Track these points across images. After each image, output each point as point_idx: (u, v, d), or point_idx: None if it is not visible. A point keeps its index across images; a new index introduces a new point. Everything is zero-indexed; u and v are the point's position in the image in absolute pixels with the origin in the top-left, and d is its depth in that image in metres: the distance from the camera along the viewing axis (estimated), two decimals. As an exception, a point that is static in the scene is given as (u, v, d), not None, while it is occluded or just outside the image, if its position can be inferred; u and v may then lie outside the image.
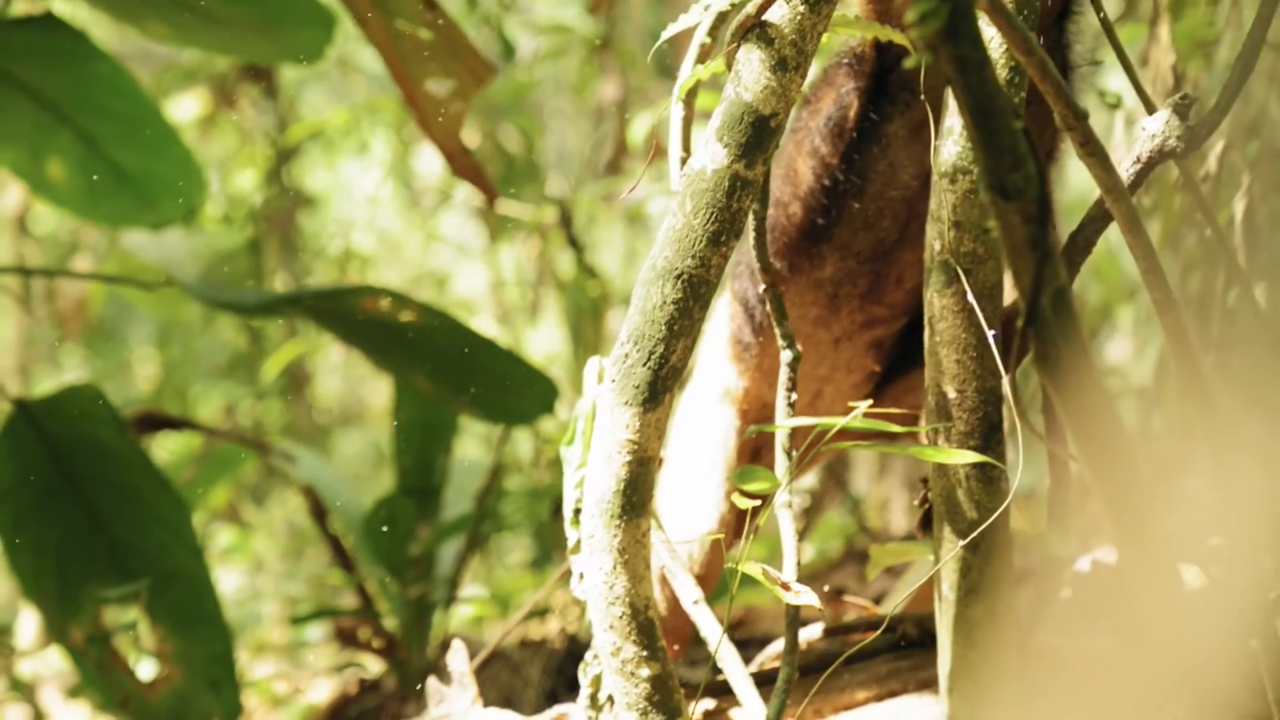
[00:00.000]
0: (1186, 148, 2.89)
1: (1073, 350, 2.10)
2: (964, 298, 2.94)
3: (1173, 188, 4.44)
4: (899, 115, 3.42)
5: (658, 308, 2.91)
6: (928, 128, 3.36)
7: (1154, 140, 2.91)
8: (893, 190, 3.47)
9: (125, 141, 5.13)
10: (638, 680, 3.03)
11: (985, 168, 2.02)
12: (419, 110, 4.63)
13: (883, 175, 3.46)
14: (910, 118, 3.42)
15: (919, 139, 3.42)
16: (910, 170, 3.46)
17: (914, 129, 3.43)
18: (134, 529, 4.95)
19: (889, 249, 3.52)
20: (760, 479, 2.79)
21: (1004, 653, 3.05)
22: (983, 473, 2.98)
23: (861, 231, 3.49)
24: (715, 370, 3.84)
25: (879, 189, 3.46)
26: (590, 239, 7.34)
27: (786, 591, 2.83)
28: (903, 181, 3.47)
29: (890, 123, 3.42)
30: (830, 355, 3.71)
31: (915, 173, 3.46)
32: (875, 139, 3.43)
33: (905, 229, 3.53)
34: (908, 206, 3.50)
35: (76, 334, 8.37)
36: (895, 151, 3.44)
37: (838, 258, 3.52)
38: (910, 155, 3.45)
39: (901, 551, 3.43)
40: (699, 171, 2.90)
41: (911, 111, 3.41)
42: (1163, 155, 2.91)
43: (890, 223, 3.51)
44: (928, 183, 3.39)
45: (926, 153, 3.39)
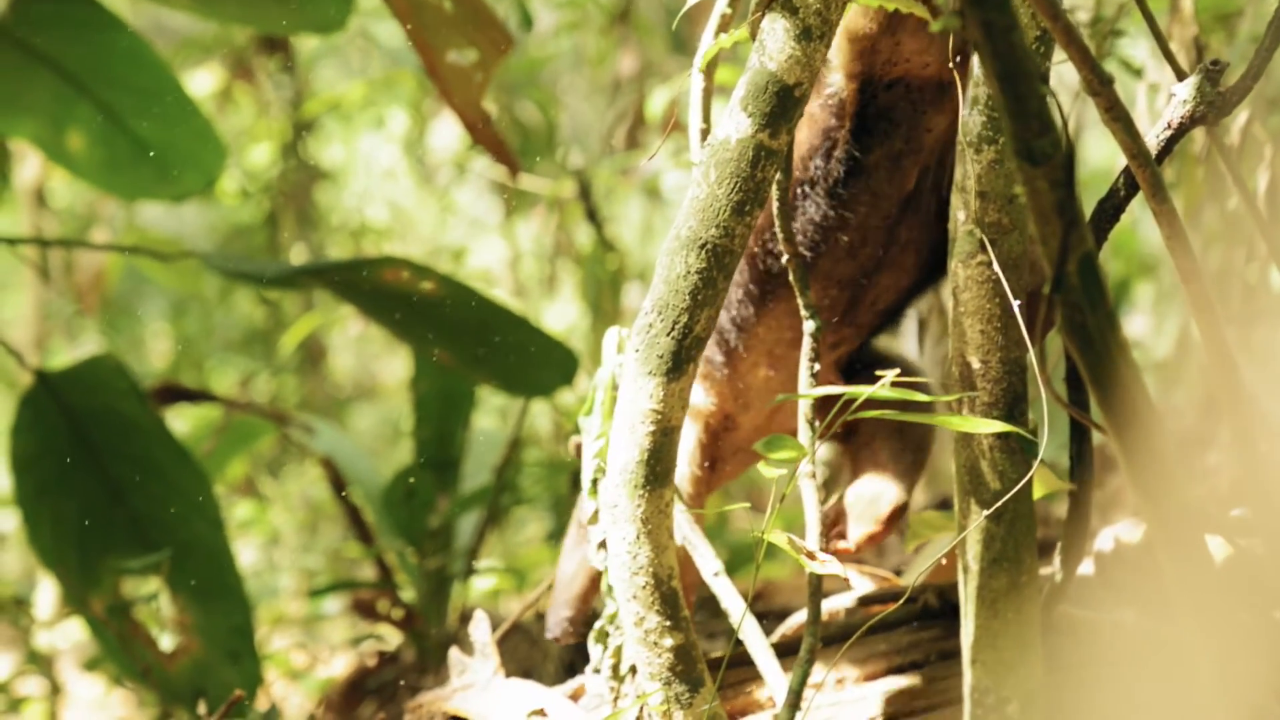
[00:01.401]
0: (1217, 114, 2.88)
1: (1100, 318, 2.09)
2: (989, 268, 2.93)
3: (1195, 160, 4.42)
4: (879, 146, 3.43)
5: (681, 277, 2.90)
6: (908, 155, 3.40)
7: (1185, 106, 2.90)
8: (875, 220, 3.50)
9: (145, 113, 5.12)
10: (661, 650, 3.03)
11: (1013, 133, 2.01)
12: (440, 81, 4.62)
13: (866, 206, 3.48)
14: (890, 147, 3.43)
15: (899, 167, 3.45)
16: (892, 199, 3.49)
17: (894, 158, 3.44)
18: (154, 501, 4.96)
19: (868, 274, 3.55)
20: (787, 447, 2.78)
21: (1028, 624, 3.04)
22: (1006, 444, 2.97)
23: (844, 261, 3.51)
24: None
25: (862, 220, 3.49)
26: (608, 212, 7.34)
27: (812, 560, 2.83)
28: (885, 210, 3.50)
29: (872, 154, 3.43)
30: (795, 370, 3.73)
31: (897, 200, 3.49)
32: (858, 174, 3.45)
33: (885, 254, 3.57)
34: (888, 233, 3.54)
35: (94, 308, 8.37)
36: (878, 182, 3.46)
37: (819, 286, 3.55)
38: (891, 183, 3.47)
39: (942, 522, 3.43)
40: (723, 141, 2.89)
41: (891, 141, 3.43)
42: (1193, 121, 2.90)
43: (871, 250, 3.56)
44: (908, 208, 3.47)
45: (907, 179, 3.46)
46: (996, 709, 3.06)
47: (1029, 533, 3.04)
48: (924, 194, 3.50)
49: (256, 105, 9.08)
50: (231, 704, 3.76)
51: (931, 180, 3.48)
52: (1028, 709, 3.06)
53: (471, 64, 4.61)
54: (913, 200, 3.49)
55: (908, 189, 3.47)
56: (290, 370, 9.44)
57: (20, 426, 4.99)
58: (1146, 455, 2.15)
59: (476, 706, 3.55)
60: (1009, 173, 2.91)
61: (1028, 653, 3.05)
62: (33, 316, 8.18)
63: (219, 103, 8.77)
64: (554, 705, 3.50)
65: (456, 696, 3.64)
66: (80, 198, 9.47)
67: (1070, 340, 2.09)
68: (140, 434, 4.97)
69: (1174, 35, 4.20)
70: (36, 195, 7.96)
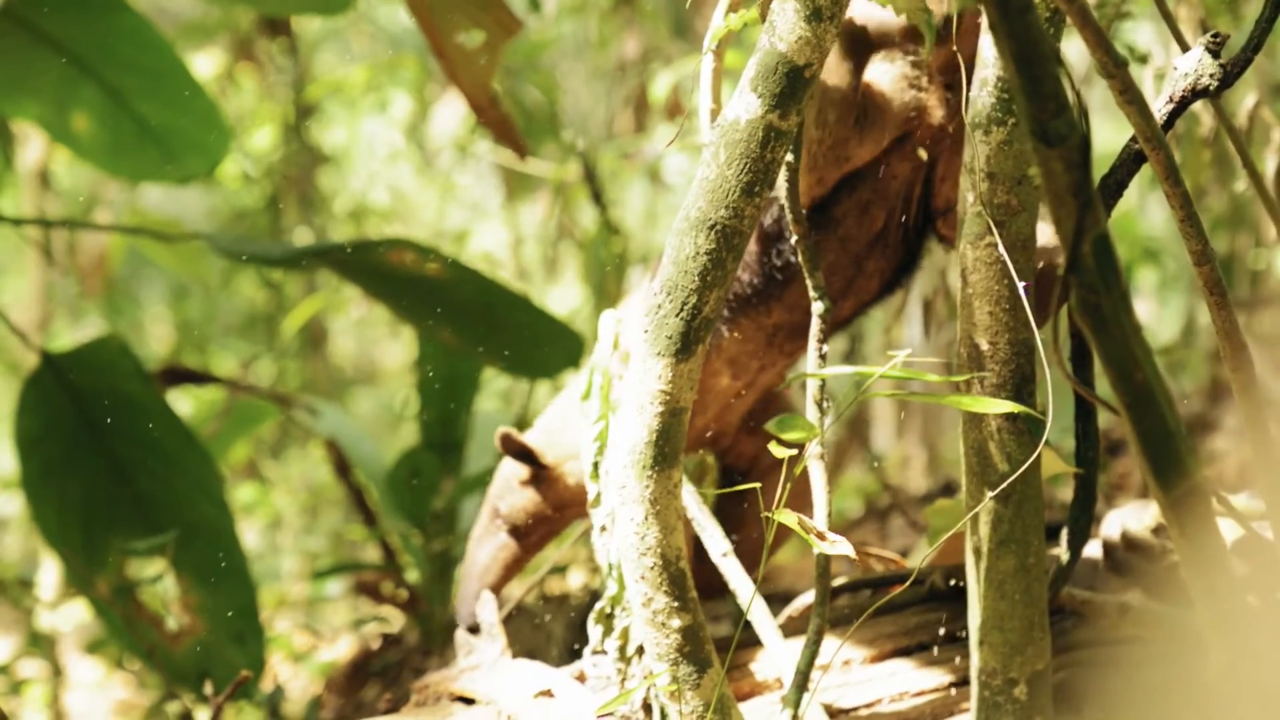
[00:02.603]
0: (1220, 86, 2.88)
1: (1114, 299, 2.09)
2: (997, 250, 2.93)
3: (1201, 144, 4.42)
4: (847, 198, 3.49)
5: (691, 258, 2.90)
6: (875, 203, 3.44)
7: (1187, 79, 2.90)
8: (844, 259, 3.58)
9: (150, 95, 5.12)
10: (669, 631, 3.03)
11: (1028, 114, 2.01)
12: (448, 62, 4.62)
13: (835, 248, 3.57)
14: (858, 198, 3.48)
15: (867, 213, 3.52)
16: (861, 240, 3.58)
17: (862, 206, 3.52)
18: (159, 482, 4.97)
19: (834, 300, 3.58)
20: (798, 427, 2.78)
21: (1035, 605, 3.04)
22: (1014, 425, 2.98)
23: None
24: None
25: (832, 261, 3.58)
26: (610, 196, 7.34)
27: (821, 541, 2.83)
28: (853, 250, 3.59)
29: (840, 205, 3.48)
30: (754, 378, 3.85)
31: (865, 241, 3.57)
32: (828, 225, 3.51)
33: (850, 285, 3.66)
34: (856, 266, 3.62)
35: (96, 290, 8.37)
36: (847, 228, 3.55)
37: (784, 309, 3.65)
38: (860, 227, 3.56)
39: (955, 511, 3.43)
40: (733, 122, 2.88)
41: (858, 192, 3.50)
42: (1195, 94, 2.90)
43: (839, 282, 3.64)
44: (876, 242, 3.53)
45: (875, 222, 3.53)
46: (1004, 690, 3.06)
47: (1037, 514, 3.04)
48: (891, 230, 3.58)
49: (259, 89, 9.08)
50: (238, 684, 3.76)
51: (899, 216, 3.53)
52: (1035, 690, 3.07)
53: (478, 46, 4.61)
54: (881, 236, 3.54)
55: (876, 230, 3.52)
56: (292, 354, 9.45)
57: (25, 407, 4.99)
58: (1160, 436, 2.14)
59: (483, 687, 3.55)
60: (1018, 154, 2.91)
61: (1035, 634, 3.05)
62: (36, 298, 8.18)
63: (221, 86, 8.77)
64: (561, 686, 3.50)
65: (463, 677, 3.64)
66: (83, 181, 9.47)
67: (1085, 321, 2.09)
68: (145, 415, 4.97)
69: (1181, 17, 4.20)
70: (40, 177, 7.96)
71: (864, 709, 3.49)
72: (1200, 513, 2.26)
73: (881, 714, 3.49)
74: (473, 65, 4.62)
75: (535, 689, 3.48)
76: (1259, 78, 4.57)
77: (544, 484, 3.90)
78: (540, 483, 3.90)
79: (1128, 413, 2.15)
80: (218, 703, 3.79)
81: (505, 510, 3.92)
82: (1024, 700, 3.06)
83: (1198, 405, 6.57)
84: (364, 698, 5.18)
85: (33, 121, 5.32)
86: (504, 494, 3.94)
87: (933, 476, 7.78)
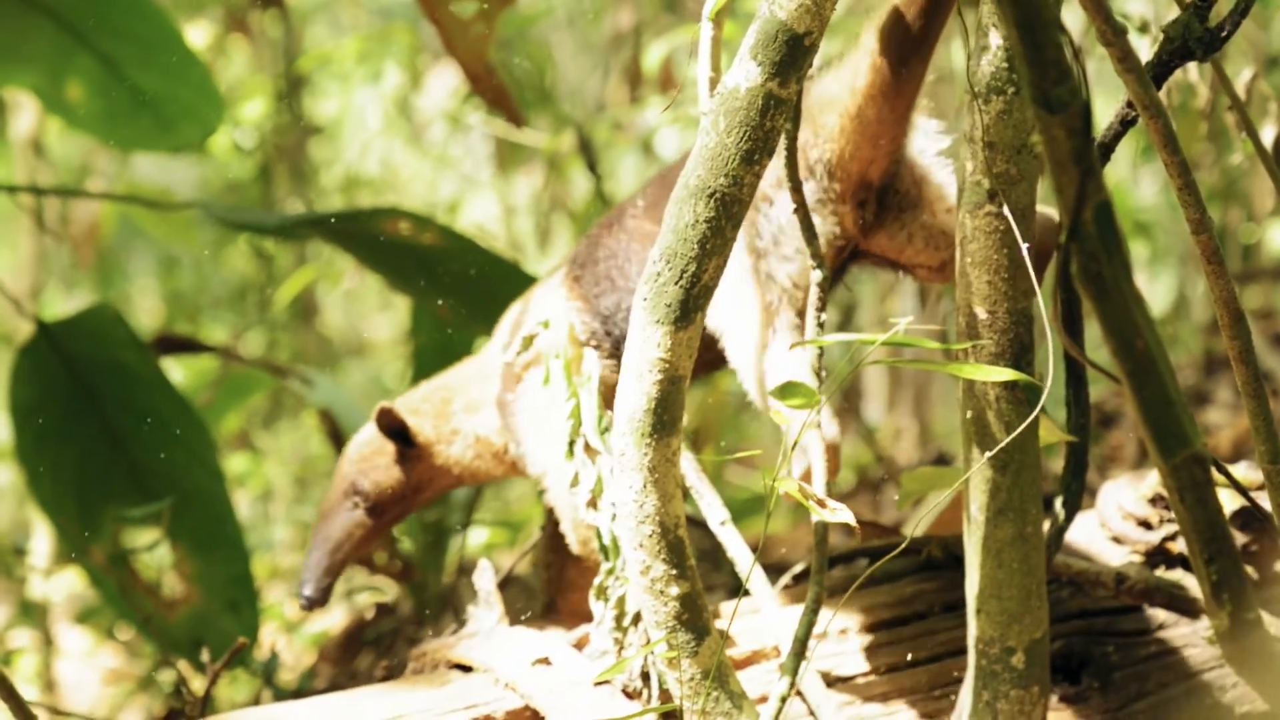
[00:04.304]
0: (1206, 50, 2.88)
1: (1115, 266, 2.09)
2: (996, 218, 2.94)
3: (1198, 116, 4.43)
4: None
5: (690, 226, 2.90)
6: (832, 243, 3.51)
7: (1173, 42, 2.90)
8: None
9: (145, 64, 5.10)
10: (667, 599, 3.03)
11: (1030, 80, 2.01)
12: (443, 31, 4.61)
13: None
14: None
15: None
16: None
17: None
18: (153, 450, 4.96)
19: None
20: (801, 395, 2.79)
21: (1033, 574, 3.05)
22: (1013, 394, 2.98)
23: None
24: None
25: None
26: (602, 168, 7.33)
27: (822, 508, 2.84)
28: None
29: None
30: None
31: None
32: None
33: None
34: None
35: (88, 259, 8.36)
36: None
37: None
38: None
39: (932, 479, 3.43)
40: (732, 90, 2.88)
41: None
42: (1181, 57, 2.89)
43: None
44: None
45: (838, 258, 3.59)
46: (1001, 659, 3.07)
47: (1034, 483, 3.05)
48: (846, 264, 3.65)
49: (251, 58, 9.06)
50: (235, 651, 3.76)
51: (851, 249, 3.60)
52: (1033, 659, 3.08)
53: (474, 15, 4.61)
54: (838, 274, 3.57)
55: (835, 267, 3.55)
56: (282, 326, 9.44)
57: (20, 376, 4.99)
58: (1161, 404, 2.15)
59: (480, 655, 3.56)
60: (1017, 123, 2.91)
61: (1033, 603, 3.06)
62: (29, 267, 8.17)
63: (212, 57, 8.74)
64: (558, 653, 3.51)
65: (461, 645, 3.65)
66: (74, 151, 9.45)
67: (1086, 288, 2.10)
68: (140, 384, 4.97)
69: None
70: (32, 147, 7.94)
71: (860, 677, 3.51)
72: (1200, 481, 2.27)
73: (879, 682, 3.50)
74: (468, 35, 4.61)
75: (533, 657, 3.49)
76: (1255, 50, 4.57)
77: (411, 463, 3.89)
78: (407, 461, 3.89)
79: (1129, 381, 2.15)
80: (215, 670, 3.79)
81: (365, 486, 3.88)
82: (1021, 669, 3.07)
83: (1190, 379, 6.59)
84: (358, 667, 5.19)
85: (27, 90, 5.31)
86: (366, 470, 3.91)
87: (924, 449, 7.79)
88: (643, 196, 3.75)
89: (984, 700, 3.09)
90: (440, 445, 3.87)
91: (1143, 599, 3.67)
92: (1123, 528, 3.80)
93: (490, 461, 3.89)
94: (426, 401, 3.92)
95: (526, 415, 3.76)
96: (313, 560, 3.84)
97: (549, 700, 3.38)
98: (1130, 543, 3.78)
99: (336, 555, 3.84)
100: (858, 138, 3.44)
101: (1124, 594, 3.66)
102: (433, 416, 3.89)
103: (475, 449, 3.88)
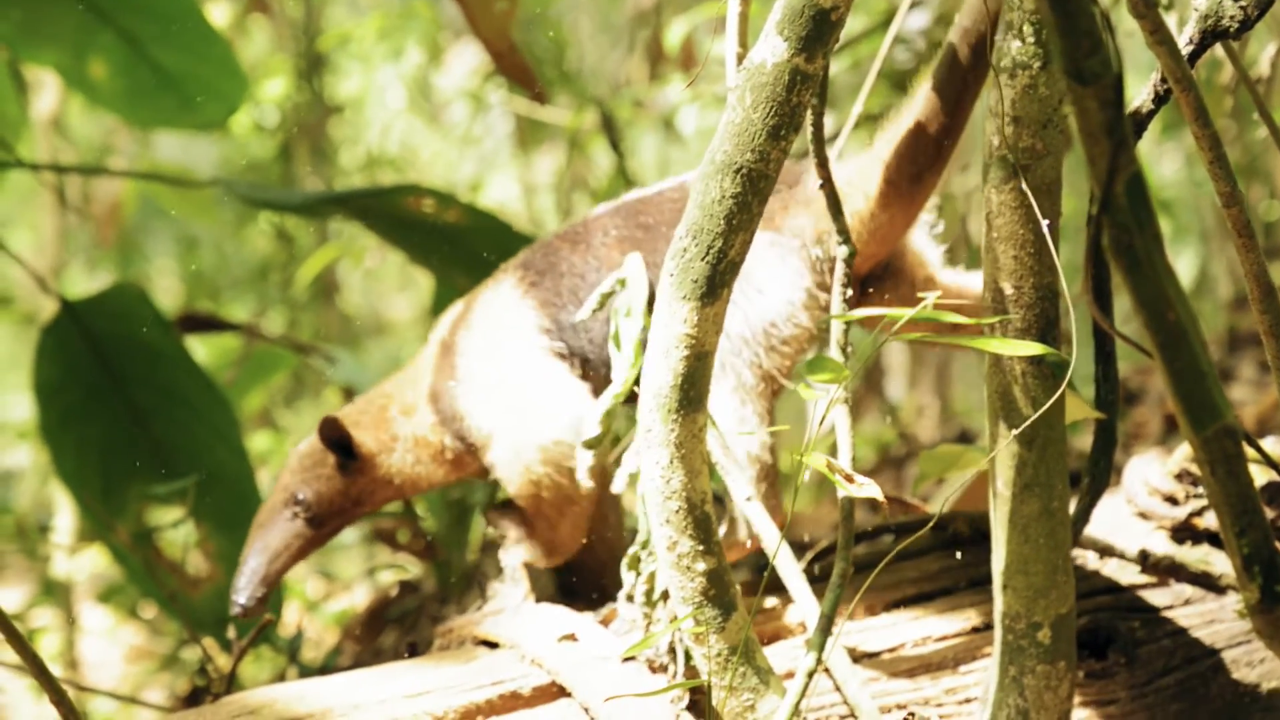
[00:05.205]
0: (1240, 27, 2.87)
1: (1147, 238, 2.09)
2: (1021, 193, 2.93)
3: (1222, 91, 4.42)
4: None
5: (716, 202, 2.89)
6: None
7: (1207, 20, 2.89)
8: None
9: (168, 42, 5.10)
10: (694, 575, 3.03)
11: (1063, 52, 2.01)
12: (467, 9, 4.61)
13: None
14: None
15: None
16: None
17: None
18: (177, 428, 4.97)
19: None
20: (828, 369, 2.79)
21: (1059, 549, 3.05)
22: (1039, 369, 2.97)
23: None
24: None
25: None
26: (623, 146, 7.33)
27: (850, 483, 2.83)
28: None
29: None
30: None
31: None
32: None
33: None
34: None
35: (110, 238, 8.37)
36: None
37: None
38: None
39: (950, 458, 3.43)
40: (759, 65, 2.88)
41: None
42: (1215, 35, 2.88)
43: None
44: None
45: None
46: (1028, 634, 3.07)
47: (1060, 458, 3.04)
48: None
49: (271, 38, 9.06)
50: (261, 628, 3.77)
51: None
52: (1059, 634, 3.07)
53: (499, -8, 4.60)
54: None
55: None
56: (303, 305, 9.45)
57: (44, 354, 5.00)
58: (1193, 376, 2.15)
59: (506, 631, 3.56)
60: (1043, 98, 2.90)
61: (1059, 578, 3.06)
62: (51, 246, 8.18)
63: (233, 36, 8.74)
64: (584, 629, 3.51)
65: (486, 621, 3.65)
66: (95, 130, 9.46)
67: (1118, 260, 2.09)
68: (164, 362, 4.98)
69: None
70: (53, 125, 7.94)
71: (887, 653, 3.51)
72: (1231, 453, 2.26)
73: (905, 658, 3.50)
74: (492, 12, 4.61)
75: (559, 633, 3.49)
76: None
77: (353, 475, 3.87)
78: (349, 473, 3.87)
79: (1160, 353, 2.15)
80: (242, 646, 3.80)
81: (306, 496, 3.84)
82: (1048, 644, 3.06)
83: (1214, 355, 6.57)
84: (382, 645, 5.20)
85: (50, 68, 5.31)
86: (307, 480, 3.87)
87: (946, 426, 7.79)
88: (614, 225, 3.76)
89: (1010, 675, 3.09)
90: (382, 455, 3.86)
91: (1169, 574, 3.66)
92: (1149, 503, 3.79)
93: (430, 465, 3.88)
94: (365, 413, 3.91)
95: (469, 383, 3.78)
96: (248, 568, 3.80)
97: (575, 676, 3.38)
98: (1156, 518, 3.77)
99: (274, 565, 3.81)
100: (868, 238, 3.53)
101: (1150, 569, 3.66)
102: (373, 427, 3.87)
103: (414, 453, 3.86)
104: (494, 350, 3.78)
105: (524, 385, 3.74)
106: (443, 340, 3.90)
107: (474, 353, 3.80)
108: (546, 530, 3.78)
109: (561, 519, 3.75)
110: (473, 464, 3.86)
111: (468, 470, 3.88)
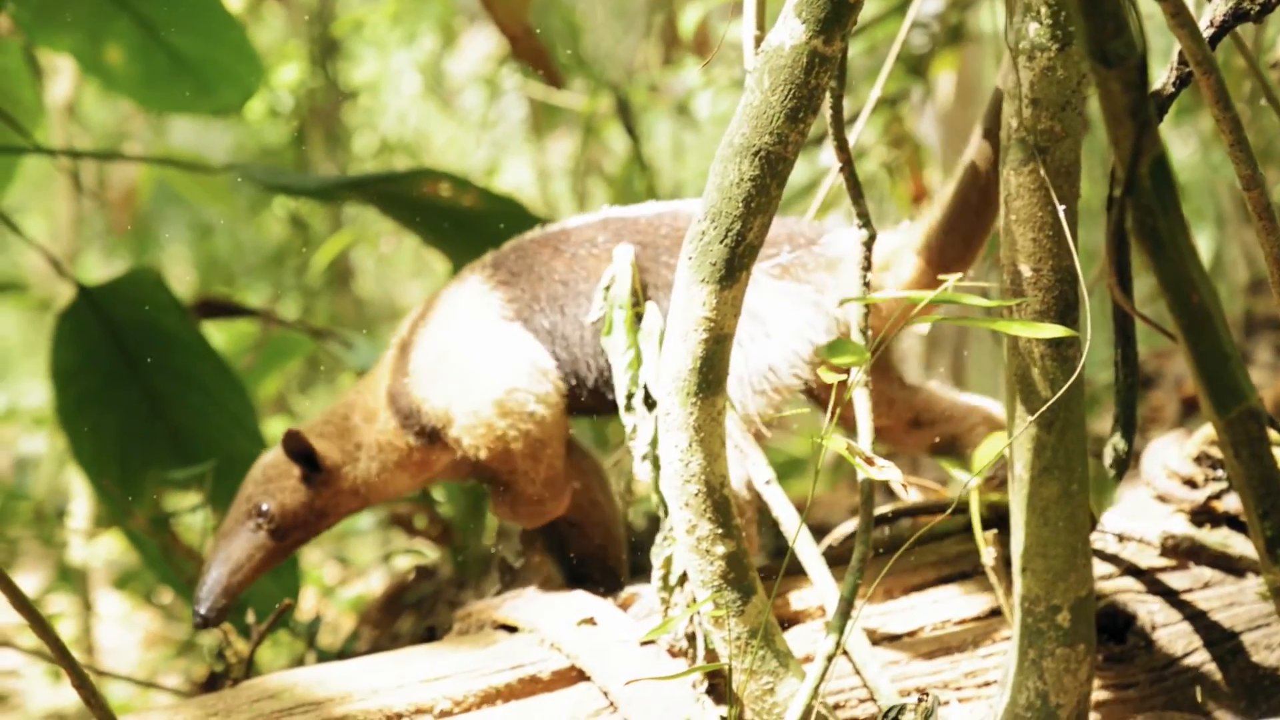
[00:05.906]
0: (1261, 10, 2.86)
1: (1171, 220, 2.09)
2: (1040, 176, 2.92)
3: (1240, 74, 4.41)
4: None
5: (735, 185, 2.89)
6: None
7: (1228, 3, 2.88)
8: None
9: (184, 27, 5.10)
10: (713, 558, 3.03)
11: (1087, 33, 2.00)
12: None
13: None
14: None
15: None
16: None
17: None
18: (195, 414, 4.97)
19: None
20: (850, 352, 2.78)
21: (1079, 531, 3.04)
22: (1058, 351, 2.97)
23: None
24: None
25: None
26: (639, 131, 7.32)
27: (870, 466, 2.83)
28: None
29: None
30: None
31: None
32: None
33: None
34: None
35: (125, 223, 8.37)
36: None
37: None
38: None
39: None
40: (777, 48, 2.87)
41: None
42: (1236, 18, 2.88)
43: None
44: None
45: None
46: (1047, 617, 3.06)
47: (1080, 441, 3.04)
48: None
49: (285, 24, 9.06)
50: (280, 613, 3.78)
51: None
52: (1078, 617, 3.07)
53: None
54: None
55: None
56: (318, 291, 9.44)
57: (61, 340, 5.00)
58: (1217, 358, 2.14)
59: (525, 615, 3.57)
60: (1061, 80, 2.90)
61: (1078, 561, 3.05)
62: (67, 232, 8.18)
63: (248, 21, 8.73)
64: (603, 613, 3.51)
65: (505, 605, 3.66)
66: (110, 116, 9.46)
67: (1142, 242, 2.09)
68: (181, 347, 4.98)
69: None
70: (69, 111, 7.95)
71: (906, 636, 3.51)
72: (1255, 436, 2.26)
73: (924, 640, 3.50)
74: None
75: (578, 617, 3.49)
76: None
77: (317, 487, 3.83)
78: (313, 485, 3.83)
79: (1184, 335, 2.14)
80: (260, 631, 3.81)
81: (269, 508, 3.80)
82: (1067, 627, 3.06)
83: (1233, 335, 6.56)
84: (399, 630, 5.20)
85: (66, 54, 5.31)
86: (271, 491, 3.83)
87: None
88: (602, 235, 3.76)
89: (1030, 658, 3.09)
90: (347, 465, 3.82)
91: (1188, 557, 3.66)
92: (1168, 486, 3.78)
93: (394, 472, 3.84)
94: (329, 423, 3.88)
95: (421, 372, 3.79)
96: (210, 579, 3.77)
97: (594, 660, 3.38)
98: (1176, 501, 3.77)
99: (235, 576, 3.77)
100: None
101: (1169, 553, 3.66)
102: (336, 437, 3.84)
103: (379, 459, 3.82)
104: (444, 333, 3.77)
105: (470, 352, 3.73)
106: (401, 340, 3.89)
107: (426, 343, 3.79)
108: (529, 485, 3.77)
109: (538, 465, 3.73)
110: (439, 462, 3.83)
111: (434, 471, 3.85)
